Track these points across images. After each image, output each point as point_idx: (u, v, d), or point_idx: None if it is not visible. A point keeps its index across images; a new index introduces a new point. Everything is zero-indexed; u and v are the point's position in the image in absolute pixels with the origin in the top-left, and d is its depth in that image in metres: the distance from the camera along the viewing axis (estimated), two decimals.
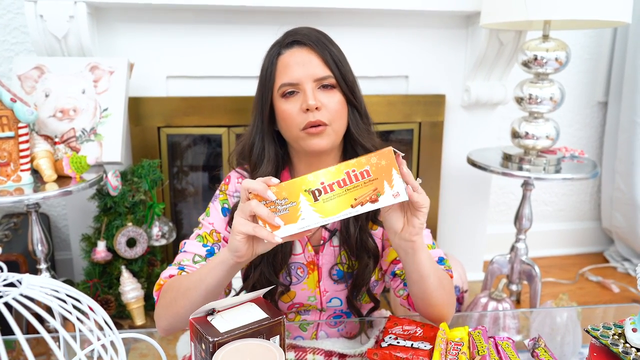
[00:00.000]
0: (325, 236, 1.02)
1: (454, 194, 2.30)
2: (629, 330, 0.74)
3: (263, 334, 0.71)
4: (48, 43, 1.72)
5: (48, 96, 1.60)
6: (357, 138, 0.98)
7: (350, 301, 1.04)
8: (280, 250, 0.99)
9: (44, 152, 1.51)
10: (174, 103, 1.93)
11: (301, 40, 0.94)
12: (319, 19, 1.95)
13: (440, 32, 2.09)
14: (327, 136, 0.94)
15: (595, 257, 2.77)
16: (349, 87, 0.96)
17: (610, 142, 2.61)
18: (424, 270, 0.87)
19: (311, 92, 0.92)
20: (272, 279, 0.99)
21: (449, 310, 0.95)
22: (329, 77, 0.93)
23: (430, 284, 0.89)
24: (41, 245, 1.57)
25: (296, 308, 1.06)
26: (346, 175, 0.75)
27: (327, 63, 0.93)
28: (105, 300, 1.78)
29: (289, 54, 0.94)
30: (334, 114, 0.93)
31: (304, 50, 0.94)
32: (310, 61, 0.93)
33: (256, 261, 0.99)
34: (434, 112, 2.14)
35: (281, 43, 0.96)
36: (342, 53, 0.98)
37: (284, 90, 0.94)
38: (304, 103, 0.91)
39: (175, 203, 2.10)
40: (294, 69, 0.93)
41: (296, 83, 0.93)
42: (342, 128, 0.97)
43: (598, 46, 2.58)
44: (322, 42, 0.95)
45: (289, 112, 0.94)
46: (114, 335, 0.55)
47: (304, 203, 0.74)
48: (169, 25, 1.88)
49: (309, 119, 0.91)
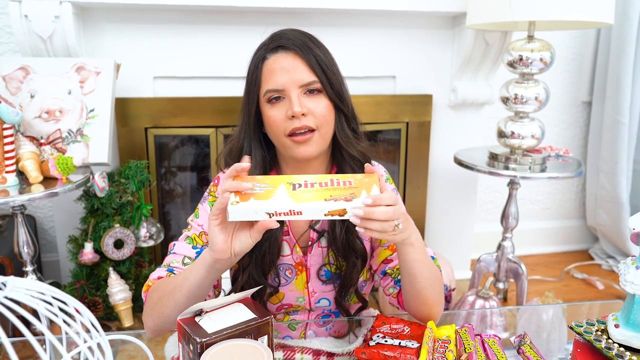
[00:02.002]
0: (314, 237, 1.02)
1: (441, 193, 2.31)
2: (612, 326, 0.75)
3: (251, 334, 0.71)
4: (33, 43, 1.70)
5: (33, 97, 1.59)
6: (342, 144, 0.98)
7: (339, 301, 1.05)
8: (269, 252, 0.98)
9: (30, 154, 1.50)
10: (161, 104, 1.92)
11: (286, 45, 0.93)
12: (306, 20, 1.96)
13: (427, 32, 2.10)
14: (314, 143, 0.94)
15: (581, 255, 2.81)
16: (335, 91, 0.95)
17: (594, 141, 2.65)
18: (414, 269, 0.88)
19: (296, 98, 0.91)
20: (261, 281, 0.99)
21: (438, 309, 0.96)
22: (315, 82, 0.93)
23: (422, 282, 0.90)
24: (27, 247, 1.55)
25: (285, 309, 1.07)
26: (330, 180, 0.78)
27: (312, 68, 0.93)
28: (92, 302, 1.77)
29: (274, 59, 0.94)
30: (320, 119, 0.93)
31: (289, 56, 0.93)
32: (295, 67, 0.92)
33: (244, 263, 0.98)
34: (421, 112, 2.15)
35: (266, 47, 0.96)
36: (328, 55, 0.97)
37: (269, 96, 0.94)
38: (290, 110, 0.91)
39: (163, 204, 2.09)
40: (279, 75, 0.92)
41: (281, 89, 0.92)
42: (329, 133, 0.96)
43: (582, 47, 2.61)
44: (307, 46, 0.94)
45: (274, 118, 0.93)
46: (101, 337, 0.55)
47: (281, 189, 0.76)
48: (155, 26, 1.87)
49: (295, 125, 0.91)
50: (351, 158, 1.00)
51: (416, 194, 2.24)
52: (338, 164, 1.02)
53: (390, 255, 1.02)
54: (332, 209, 0.74)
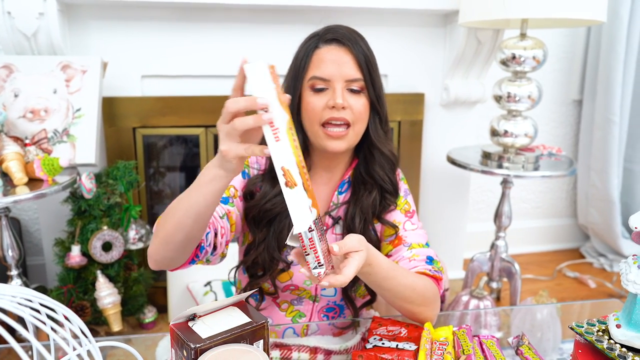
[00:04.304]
0: (328, 223, 1.05)
1: (433, 192, 2.31)
2: (613, 327, 0.74)
3: (246, 338, 0.69)
4: (16, 41, 1.67)
5: (17, 96, 1.55)
6: (375, 142, 1.02)
7: (345, 291, 1.06)
8: (287, 227, 1.00)
9: (14, 154, 1.46)
10: (149, 103, 1.89)
11: (341, 39, 0.97)
12: (297, 17, 1.94)
13: (419, 30, 2.09)
14: (347, 139, 0.97)
15: (572, 253, 2.82)
16: (375, 93, 0.99)
17: (585, 140, 2.66)
18: (378, 289, 0.91)
19: (340, 91, 0.95)
20: (275, 254, 1.01)
21: (427, 314, 0.95)
22: (359, 80, 0.96)
23: (392, 298, 0.92)
24: (12, 250, 1.53)
25: (291, 290, 1.07)
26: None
27: (360, 66, 0.96)
28: (80, 307, 1.74)
29: (327, 50, 0.97)
30: (357, 116, 0.97)
31: (342, 50, 0.96)
32: (345, 61, 0.96)
33: (260, 237, 1.01)
34: (413, 111, 2.14)
35: (321, 37, 0.99)
36: (374, 57, 1.00)
37: (313, 84, 0.97)
38: (332, 100, 0.95)
39: (152, 205, 2.07)
40: (329, 65, 0.95)
41: (327, 79, 0.96)
42: (362, 130, 1.00)
43: (572, 45, 2.62)
44: (359, 45, 0.97)
45: (313, 104, 0.97)
46: (91, 345, 0.52)
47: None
48: (143, 23, 1.84)
49: (333, 115, 0.95)
50: (382, 156, 1.03)
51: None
52: (365, 161, 1.05)
53: (391, 250, 1.03)
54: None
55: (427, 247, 1.04)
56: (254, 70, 0.69)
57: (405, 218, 1.06)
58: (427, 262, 1.00)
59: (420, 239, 1.04)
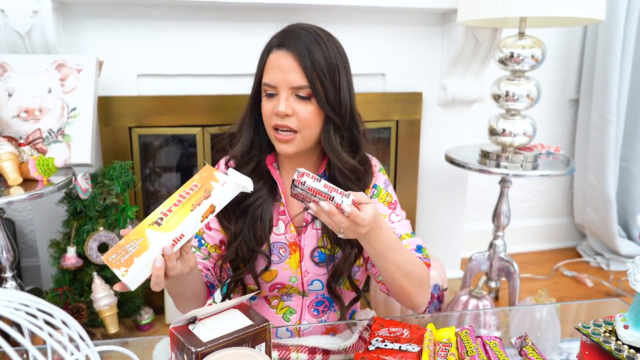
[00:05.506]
0: (308, 218, 1.05)
1: (431, 192, 2.30)
2: (620, 327, 0.73)
3: (248, 342, 0.68)
4: (10, 39, 1.65)
5: (11, 95, 1.53)
6: (326, 151, 1.01)
7: (330, 286, 1.06)
8: (260, 219, 1.02)
9: (8, 155, 1.44)
10: (145, 102, 1.87)
11: (289, 44, 0.95)
12: (294, 16, 1.91)
13: (417, 29, 2.08)
14: (294, 144, 0.98)
15: (569, 252, 2.82)
16: (327, 100, 0.96)
17: (582, 139, 2.66)
18: (377, 260, 0.92)
19: (285, 99, 0.95)
20: (256, 248, 1.02)
21: (418, 299, 0.99)
22: (305, 88, 0.95)
23: (391, 272, 0.93)
24: (6, 252, 1.51)
25: (278, 289, 1.08)
26: (179, 196, 0.80)
27: (306, 74, 0.94)
28: (76, 309, 1.72)
29: (276, 56, 0.97)
30: (304, 122, 0.97)
31: (289, 56, 0.95)
32: (291, 68, 0.95)
33: (237, 229, 1.03)
34: (411, 110, 2.13)
35: (273, 41, 0.99)
36: (332, 61, 0.97)
37: (264, 89, 0.99)
38: (276, 107, 0.96)
39: (148, 205, 2.05)
40: (276, 72, 0.96)
41: (274, 86, 0.97)
42: (312, 136, 0.99)
43: (569, 44, 2.62)
44: (310, 50, 0.94)
45: (265, 109, 0.99)
46: (90, 350, 0.51)
47: (150, 233, 0.76)
48: (139, 22, 1.82)
49: (277, 122, 0.97)
50: (340, 163, 1.02)
51: (406, 193, 2.22)
52: (330, 162, 1.05)
53: None
54: (203, 212, 0.77)
55: (414, 237, 1.07)
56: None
57: (389, 210, 1.07)
58: (417, 250, 1.04)
59: (407, 229, 1.06)
